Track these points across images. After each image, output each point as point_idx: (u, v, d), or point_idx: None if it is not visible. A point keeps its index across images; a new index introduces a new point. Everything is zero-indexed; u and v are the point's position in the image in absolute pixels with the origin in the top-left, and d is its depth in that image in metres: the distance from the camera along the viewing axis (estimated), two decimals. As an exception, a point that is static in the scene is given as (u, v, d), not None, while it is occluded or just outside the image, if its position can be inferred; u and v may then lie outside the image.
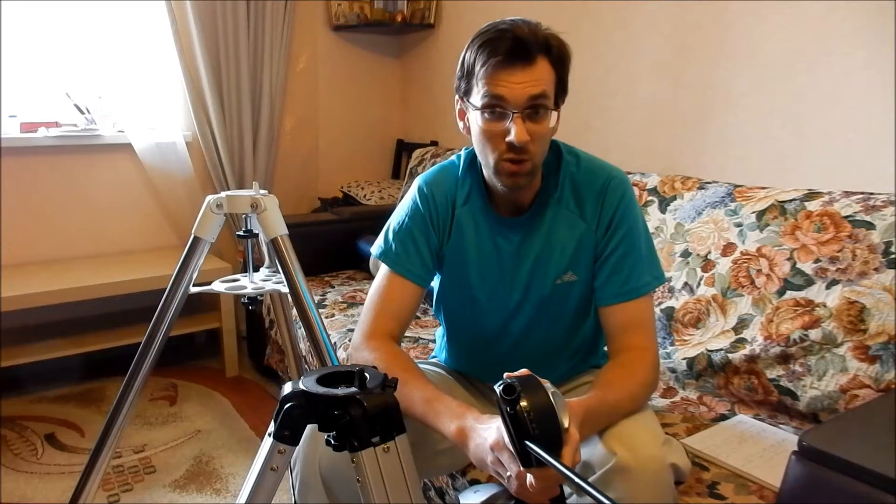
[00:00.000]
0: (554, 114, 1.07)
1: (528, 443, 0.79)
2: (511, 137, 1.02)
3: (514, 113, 1.02)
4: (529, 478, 0.83)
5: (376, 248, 1.24)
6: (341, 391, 0.75)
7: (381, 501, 0.75)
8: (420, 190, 1.22)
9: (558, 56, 1.05)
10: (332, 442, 0.77)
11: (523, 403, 0.80)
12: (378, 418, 0.74)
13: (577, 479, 0.68)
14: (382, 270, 1.21)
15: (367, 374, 0.76)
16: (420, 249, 1.19)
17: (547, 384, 0.84)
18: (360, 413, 0.73)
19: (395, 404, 0.76)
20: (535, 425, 0.80)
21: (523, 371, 0.89)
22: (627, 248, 1.12)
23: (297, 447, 0.80)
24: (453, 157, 1.25)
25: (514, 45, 1.01)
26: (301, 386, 0.77)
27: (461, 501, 1.05)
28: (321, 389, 0.76)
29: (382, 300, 1.19)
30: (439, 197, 1.20)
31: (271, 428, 0.79)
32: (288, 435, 0.78)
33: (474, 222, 1.20)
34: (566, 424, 0.83)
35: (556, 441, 0.82)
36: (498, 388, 0.82)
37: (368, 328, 1.17)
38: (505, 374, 0.89)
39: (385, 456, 0.75)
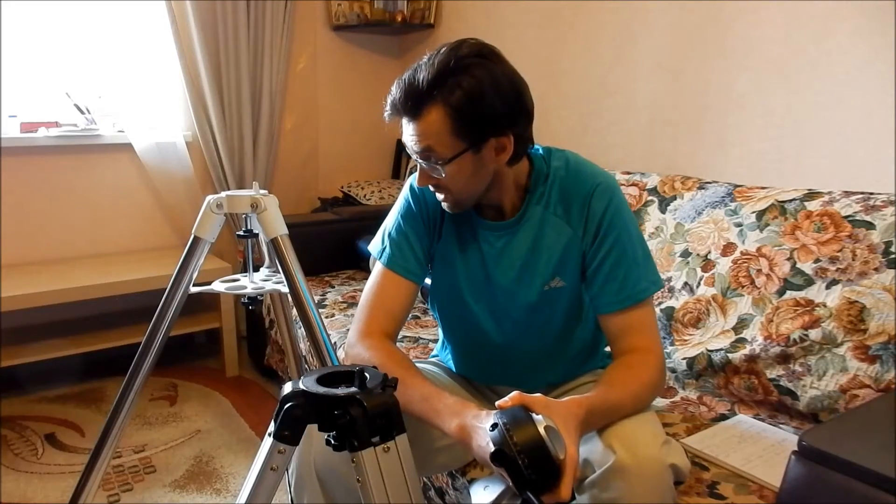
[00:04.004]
0: (464, 158, 1.03)
1: (528, 493, 0.80)
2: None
3: (416, 158, 1.07)
4: None
5: (373, 247, 1.25)
6: (341, 391, 0.75)
7: (382, 501, 0.75)
8: (411, 189, 1.23)
9: (455, 104, 0.99)
10: (333, 442, 0.77)
11: (515, 439, 0.80)
12: (378, 418, 0.74)
13: None
14: (377, 268, 1.22)
15: (367, 374, 0.76)
16: (413, 246, 1.20)
17: (538, 417, 0.84)
18: (360, 413, 0.73)
19: (395, 404, 0.76)
20: (530, 470, 0.80)
21: (514, 396, 0.89)
22: (619, 255, 1.10)
23: None
24: None
25: (391, 104, 1.05)
26: (301, 386, 0.77)
27: (472, 498, 1.05)
28: (321, 389, 0.76)
29: (377, 297, 1.19)
30: (429, 195, 1.20)
31: (271, 428, 0.79)
32: (288, 435, 0.78)
33: (460, 225, 1.21)
34: (562, 456, 0.82)
35: (552, 476, 0.82)
36: (490, 452, 0.83)
37: (363, 326, 1.16)
38: (497, 403, 0.90)
39: (385, 456, 0.75)
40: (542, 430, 0.82)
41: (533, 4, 2.38)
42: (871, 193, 1.41)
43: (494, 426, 0.84)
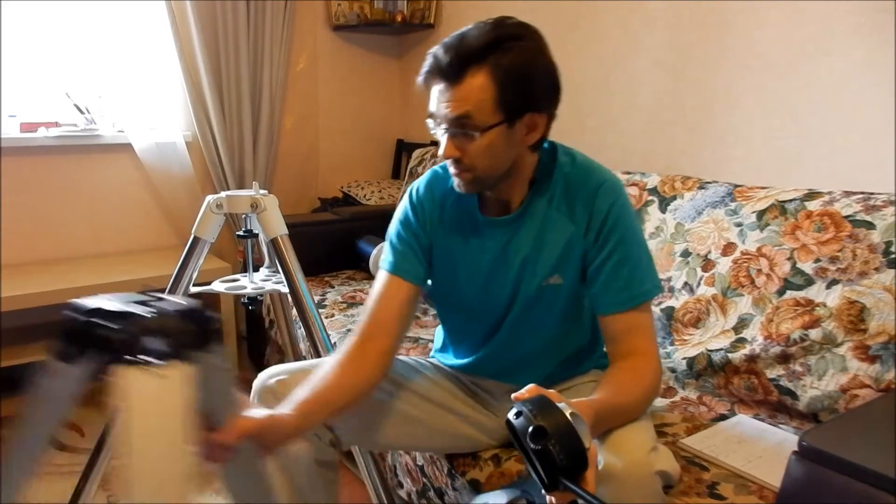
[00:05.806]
0: (499, 130, 1.02)
1: (564, 481, 0.77)
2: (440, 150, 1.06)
3: (443, 128, 1.05)
4: (550, 498, 0.83)
5: (382, 261, 1.25)
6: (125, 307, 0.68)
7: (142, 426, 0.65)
8: (410, 194, 1.23)
9: (506, 69, 0.99)
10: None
11: (543, 425, 0.78)
12: (169, 337, 0.66)
13: None
14: (379, 274, 1.22)
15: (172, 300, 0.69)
16: (414, 249, 1.20)
17: (562, 404, 0.82)
18: (136, 329, 0.66)
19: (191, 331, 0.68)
20: (562, 456, 0.77)
21: (531, 388, 0.88)
22: (623, 255, 1.09)
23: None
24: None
25: (434, 65, 1.02)
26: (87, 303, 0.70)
27: None
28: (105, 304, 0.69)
29: (376, 304, 1.18)
30: (426, 199, 1.21)
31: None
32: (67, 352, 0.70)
33: (461, 222, 1.20)
34: (588, 444, 0.81)
35: (582, 464, 0.80)
36: (528, 431, 0.78)
37: (359, 328, 1.17)
38: (513, 396, 0.88)
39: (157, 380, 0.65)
40: (568, 416, 0.80)
41: (533, 4, 2.38)
42: (871, 193, 1.41)
43: (518, 414, 0.81)
